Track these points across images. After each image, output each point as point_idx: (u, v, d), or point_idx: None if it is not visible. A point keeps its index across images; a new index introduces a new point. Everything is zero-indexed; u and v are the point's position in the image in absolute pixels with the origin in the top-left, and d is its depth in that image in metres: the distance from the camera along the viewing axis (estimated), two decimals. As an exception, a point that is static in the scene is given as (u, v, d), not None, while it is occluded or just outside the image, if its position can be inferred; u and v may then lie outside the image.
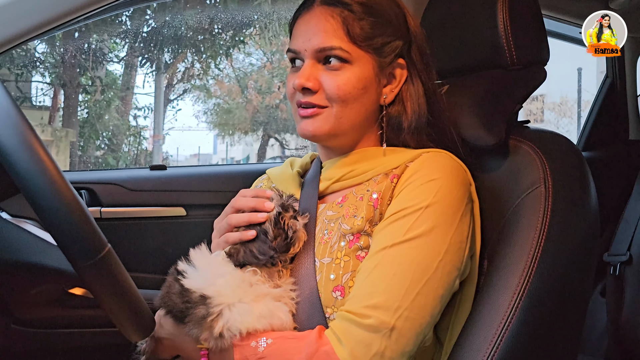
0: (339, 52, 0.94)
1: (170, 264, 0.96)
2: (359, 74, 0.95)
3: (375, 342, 0.81)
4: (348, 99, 0.95)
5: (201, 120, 10.32)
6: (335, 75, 0.95)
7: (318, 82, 0.95)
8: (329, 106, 0.96)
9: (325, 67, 0.96)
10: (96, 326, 1.46)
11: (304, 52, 0.96)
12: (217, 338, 0.85)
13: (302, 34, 0.98)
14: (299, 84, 0.95)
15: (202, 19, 6.77)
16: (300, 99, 0.97)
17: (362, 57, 0.96)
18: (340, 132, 0.98)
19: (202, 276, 0.89)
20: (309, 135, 0.98)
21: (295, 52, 0.98)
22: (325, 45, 0.94)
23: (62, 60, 7.27)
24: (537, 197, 0.90)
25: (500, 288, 0.88)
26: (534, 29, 1.05)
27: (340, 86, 0.94)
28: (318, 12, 0.96)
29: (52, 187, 0.69)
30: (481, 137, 0.99)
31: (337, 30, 0.95)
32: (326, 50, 0.95)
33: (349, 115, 0.97)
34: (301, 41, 0.97)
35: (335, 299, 0.89)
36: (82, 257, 0.71)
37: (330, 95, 0.95)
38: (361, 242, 0.91)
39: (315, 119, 0.97)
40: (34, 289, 1.10)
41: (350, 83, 0.95)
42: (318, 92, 0.96)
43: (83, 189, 1.58)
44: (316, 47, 0.95)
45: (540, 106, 10.02)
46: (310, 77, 0.95)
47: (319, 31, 0.95)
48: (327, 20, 0.95)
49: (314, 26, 0.96)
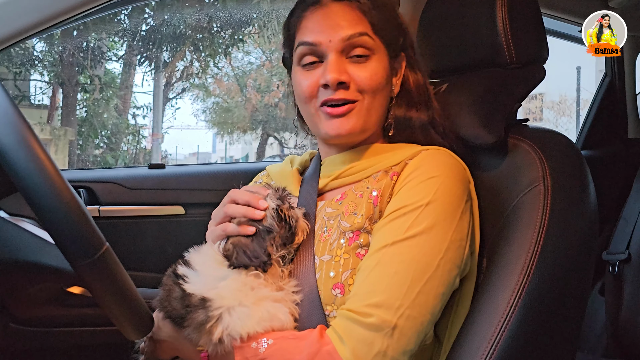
0: (366, 38, 0.94)
1: (169, 263, 0.96)
2: (382, 64, 0.97)
3: (377, 341, 0.81)
4: (378, 89, 0.96)
5: (200, 119, 10.32)
6: (363, 66, 0.95)
7: (349, 75, 0.94)
8: (360, 99, 0.95)
9: (349, 60, 0.95)
10: (95, 325, 1.46)
11: (327, 45, 0.94)
12: (217, 344, 0.85)
13: (321, 26, 0.95)
14: (334, 78, 0.93)
15: (201, 17, 6.76)
16: (331, 96, 0.94)
17: (380, 47, 0.97)
18: (369, 126, 0.98)
19: (203, 279, 0.89)
20: (344, 134, 0.96)
21: (315, 44, 0.95)
22: (354, 32, 0.94)
23: (60, 59, 7.26)
24: (536, 195, 0.90)
25: (500, 286, 0.88)
26: (533, 28, 1.05)
27: (372, 76, 0.95)
28: (333, 6, 0.96)
29: (49, 185, 0.69)
30: (480, 135, 0.99)
31: (360, 20, 0.95)
32: (354, 37, 0.94)
33: (377, 106, 0.97)
34: (323, 33, 0.95)
35: (335, 297, 0.89)
36: (80, 255, 0.70)
37: (362, 87, 0.95)
38: (361, 240, 0.91)
39: (349, 116, 0.95)
40: (33, 287, 1.10)
41: (379, 73, 0.96)
42: (350, 86, 0.95)
43: (82, 187, 1.58)
44: (344, 35, 0.94)
45: (539, 105, 10.03)
46: (342, 70, 0.94)
47: (342, 21, 0.94)
48: (348, 12, 0.95)
49: (334, 17, 0.95)
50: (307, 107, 0.99)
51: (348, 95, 0.95)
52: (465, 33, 1.09)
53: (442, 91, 1.12)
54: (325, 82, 0.94)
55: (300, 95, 0.99)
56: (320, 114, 0.97)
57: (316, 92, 0.96)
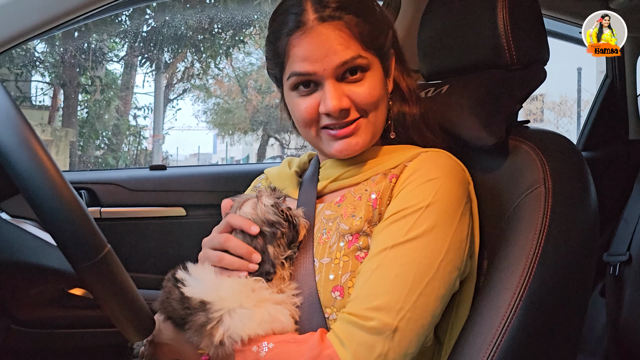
0: (360, 60, 0.93)
1: (170, 264, 0.96)
2: (377, 76, 0.96)
3: (378, 344, 0.81)
4: (379, 103, 0.96)
5: (201, 120, 10.34)
6: (361, 85, 0.94)
7: (348, 98, 0.94)
8: (364, 115, 0.96)
9: (344, 82, 0.94)
10: (96, 326, 1.46)
11: (322, 73, 0.92)
12: (218, 346, 0.84)
13: (312, 55, 0.91)
14: (336, 106, 0.92)
15: (202, 18, 6.76)
16: (333, 121, 0.94)
17: (372, 59, 0.95)
18: (377, 134, 0.99)
19: (202, 284, 0.89)
20: (356, 151, 0.96)
21: (308, 74, 0.93)
22: (347, 57, 0.91)
23: (61, 60, 7.26)
24: (537, 197, 0.90)
25: (500, 288, 0.88)
26: (534, 29, 1.05)
27: (371, 92, 0.94)
28: (320, 31, 0.91)
29: (51, 187, 0.69)
30: (481, 137, 0.99)
31: (350, 40, 0.92)
32: (348, 63, 0.92)
33: (380, 118, 0.98)
34: (314, 62, 0.91)
35: (335, 299, 0.89)
36: (82, 257, 0.70)
37: (363, 106, 0.94)
38: (360, 243, 0.91)
39: (358, 133, 0.96)
40: (34, 289, 1.10)
41: (377, 86, 0.95)
42: (351, 109, 0.94)
43: (83, 189, 1.58)
44: (338, 62, 0.91)
45: (540, 106, 10.02)
46: (341, 97, 0.93)
47: (332, 47, 0.91)
48: (336, 34, 0.91)
49: (324, 44, 0.91)
50: (307, 130, 0.98)
51: (350, 117, 0.95)
52: (466, 34, 1.09)
53: (442, 92, 1.12)
54: (327, 112, 0.93)
55: (298, 119, 0.98)
56: (323, 136, 0.97)
57: (316, 117, 0.96)
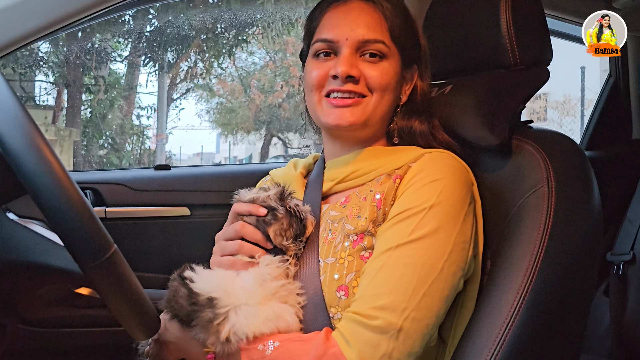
0: (381, 45, 0.97)
1: (174, 264, 0.97)
2: (395, 67, 0.99)
3: (383, 343, 0.82)
4: (387, 88, 0.98)
5: (204, 120, 10.36)
6: (375, 66, 0.97)
7: (360, 70, 0.97)
8: (368, 95, 0.98)
9: (363, 58, 0.97)
10: (102, 325, 1.47)
11: (344, 42, 0.97)
12: (224, 342, 0.85)
13: (340, 24, 0.98)
14: (344, 71, 0.95)
15: (205, 18, 6.77)
16: (338, 86, 0.97)
17: (395, 53, 0.99)
18: (372, 122, 1.00)
19: (210, 280, 0.90)
20: (345, 124, 0.98)
21: (332, 41, 0.98)
22: (371, 37, 0.96)
23: (65, 60, 7.29)
24: (540, 197, 0.91)
25: (504, 288, 0.88)
26: (537, 29, 1.05)
27: (383, 75, 0.97)
28: (356, 5, 0.98)
29: (58, 188, 0.70)
30: (484, 137, 0.99)
31: (381, 25, 0.97)
32: (370, 43, 0.96)
33: (383, 106, 0.99)
34: (341, 31, 0.97)
35: (339, 299, 0.89)
36: (88, 257, 0.71)
37: (372, 84, 0.97)
38: (365, 243, 0.91)
39: (354, 108, 0.97)
40: (41, 289, 1.10)
41: (390, 74, 0.98)
42: (360, 81, 0.97)
43: (88, 189, 1.59)
44: (361, 37, 0.96)
45: (543, 105, 10.01)
46: (353, 65, 0.96)
47: (362, 23, 0.96)
48: (370, 13, 0.97)
49: (355, 17, 0.97)
50: (312, 95, 1.01)
51: (356, 89, 0.97)
52: (469, 34, 1.09)
53: (445, 93, 1.12)
54: (336, 74, 0.96)
55: (308, 83, 1.02)
56: (323, 103, 0.99)
57: (324, 82, 0.99)
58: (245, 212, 0.93)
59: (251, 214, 0.93)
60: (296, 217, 0.93)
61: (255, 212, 0.92)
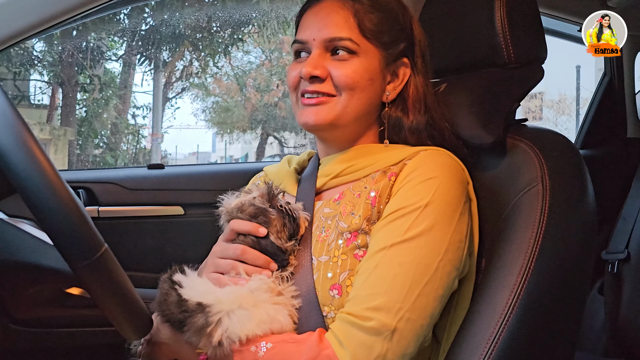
0: (348, 43, 0.95)
1: (168, 263, 0.96)
2: (367, 64, 0.97)
3: (377, 344, 0.81)
4: (356, 87, 0.96)
5: (200, 119, 10.34)
6: (343, 64, 0.96)
7: (326, 70, 0.96)
8: (337, 95, 0.97)
9: (332, 57, 0.97)
10: (94, 325, 1.46)
11: (312, 42, 0.97)
12: (216, 346, 0.84)
13: (311, 24, 0.98)
14: (307, 72, 0.95)
15: (200, 17, 6.76)
16: (306, 87, 0.97)
17: (370, 49, 0.97)
18: (343, 122, 0.98)
19: (199, 286, 0.89)
20: (311, 123, 0.97)
21: (303, 42, 0.99)
22: (335, 35, 0.95)
23: (60, 59, 7.26)
24: (535, 195, 0.90)
25: (498, 286, 0.88)
26: (532, 28, 1.05)
27: (348, 74, 0.95)
28: (328, 3, 0.98)
29: (48, 187, 0.69)
30: (479, 135, 0.99)
31: (348, 22, 0.96)
32: (335, 41, 0.96)
33: (354, 105, 0.97)
34: (310, 32, 0.98)
35: (333, 298, 0.88)
36: (78, 257, 0.70)
37: (338, 83, 0.96)
38: (359, 241, 0.91)
39: (320, 107, 0.97)
40: (32, 288, 1.10)
41: (358, 72, 0.96)
42: (326, 81, 0.96)
43: (81, 188, 1.58)
44: (326, 37, 0.96)
45: (539, 104, 10.04)
46: (318, 65, 0.96)
47: (329, 22, 0.96)
48: (338, 12, 0.97)
49: (324, 17, 0.97)
50: (292, 96, 1.02)
51: (322, 89, 0.96)
52: (463, 33, 1.09)
53: (440, 91, 1.12)
54: (300, 75, 0.97)
55: (288, 84, 1.02)
56: (299, 103, 1.00)
57: (297, 83, 1.00)
58: (244, 232, 0.91)
59: (250, 233, 0.91)
60: (288, 216, 0.92)
61: (255, 232, 0.91)
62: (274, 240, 0.91)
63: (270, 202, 0.93)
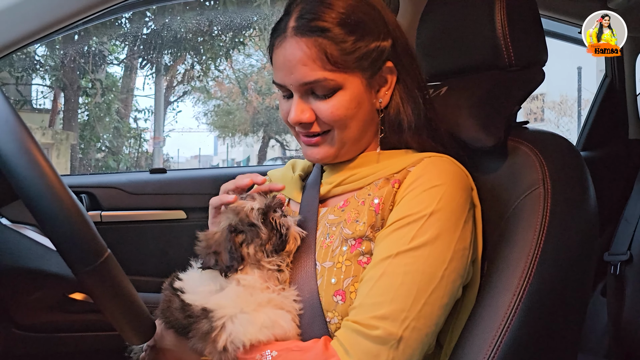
0: (323, 83, 0.92)
1: (170, 267, 0.97)
2: (350, 94, 0.94)
3: (383, 353, 0.81)
4: (345, 120, 0.95)
5: (201, 122, 10.37)
6: (326, 102, 0.94)
7: (312, 112, 0.95)
8: (331, 129, 0.96)
9: (314, 96, 0.95)
10: (97, 330, 1.46)
11: (289, 86, 0.95)
12: (221, 352, 0.84)
13: (281, 67, 0.94)
14: (294, 119, 0.95)
15: (202, 21, 6.77)
16: (300, 130, 0.98)
17: (348, 78, 0.93)
18: (345, 150, 0.99)
19: (201, 291, 0.89)
20: (317, 161, 1.00)
21: (280, 85, 0.97)
22: (308, 79, 0.92)
23: (62, 63, 7.28)
24: (536, 198, 0.90)
25: (500, 289, 0.88)
26: (532, 30, 1.05)
27: (333, 112, 0.94)
28: (292, 43, 0.92)
29: (50, 193, 0.69)
30: (480, 138, 0.99)
31: (316, 61, 0.91)
32: (310, 85, 0.93)
33: (350, 134, 0.97)
34: (283, 75, 0.95)
35: (336, 304, 0.88)
36: (81, 262, 0.71)
37: (327, 122, 0.95)
38: (363, 247, 0.90)
39: (321, 146, 0.98)
40: (35, 294, 1.10)
41: (343, 106, 0.94)
42: (315, 121, 0.96)
43: (83, 193, 1.58)
44: (300, 81, 0.93)
45: (540, 105, 10.03)
46: (303, 111, 0.95)
47: (297, 65, 0.91)
48: (303, 51, 0.91)
49: (290, 59, 0.92)
50: (291, 130, 1.03)
51: (314, 129, 0.97)
52: (464, 35, 1.09)
53: (441, 94, 1.12)
54: (289, 122, 0.97)
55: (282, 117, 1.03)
56: (299, 138, 1.01)
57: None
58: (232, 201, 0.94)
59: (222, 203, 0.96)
60: (276, 230, 0.90)
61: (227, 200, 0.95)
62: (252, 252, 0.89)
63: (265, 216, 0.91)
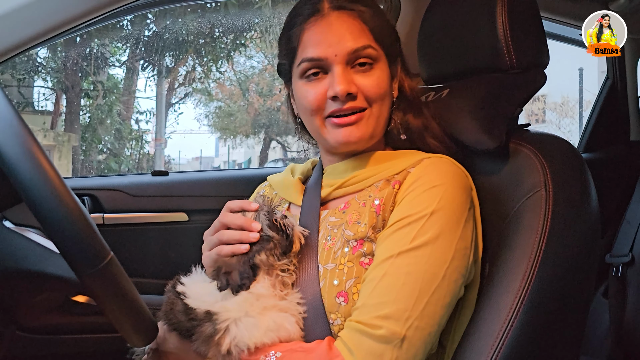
0: (370, 51, 0.95)
1: (172, 269, 0.97)
2: (385, 71, 0.98)
3: (386, 352, 0.82)
4: (384, 96, 0.97)
5: (203, 124, 10.36)
6: (369, 75, 0.95)
7: (356, 85, 0.95)
8: (368, 108, 0.96)
9: (354, 69, 0.95)
10: (100, 332, 1.47)
11: (333, 58, 0.94)
12: (225, 355, 0.84)
13: (325, 39, 0.94)
14: (344, 90, 0.93)
15: (203, 23, 6.78)
16: (340, 106, 0.94)
17: (381, 55, 0.98)
18: (377, 132, 0.99)
19: (205, 294, 0.89)
20: (354, 142, 0.96)
21: (320, 59, 0.94)
22: (359, 45, 0.94)
23: (63, 65, 7.29)
24: (538, 200, 0.91)
25: (502, 291, 0.88)
26: (534, 33, 1.05)
27: (379, 84, 0.96)
28: (335, 17, 0.95)
29: (54, 195, 0.69)
30: (482, 140, 0.99)
31: (362, 30, 0.95)
32: (359, 51, 0.94)
33: (384, 113, 0.99)
34: (327, 46, 0.94)
35: (339, 305, 0.89)
36: (85, 265, 0.71)
37: (370, 96, 0.95)
38: (364, 249, 0.91)
39: (359, 124, 0.96)
40: (38, 296, 1.10)
41: (384, 80, 0.97)
42: (358, 96, 0.95)
43: (85, 195, 1.58)
44: (349, 49, 0.94)
45: (541, 106, 10.02)
46: (349, 81, 0.94)
47: (346, 34, 0.94)
48: (350, 22, 0.95)
49: (337, 29, 0.94)
50: (312, 119, 0.99)
51: (356, 104, 0.95)
52: (465, 38, 1.09)
53: (443, 97, 1.12)
54: (335, 94, 0.94)
55: (306, 107, 0.98)
56: (327, 125, 0.98)
57: (323, 104, 0.96)
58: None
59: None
60: (282, 232, 0.90)
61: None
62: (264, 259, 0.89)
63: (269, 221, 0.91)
